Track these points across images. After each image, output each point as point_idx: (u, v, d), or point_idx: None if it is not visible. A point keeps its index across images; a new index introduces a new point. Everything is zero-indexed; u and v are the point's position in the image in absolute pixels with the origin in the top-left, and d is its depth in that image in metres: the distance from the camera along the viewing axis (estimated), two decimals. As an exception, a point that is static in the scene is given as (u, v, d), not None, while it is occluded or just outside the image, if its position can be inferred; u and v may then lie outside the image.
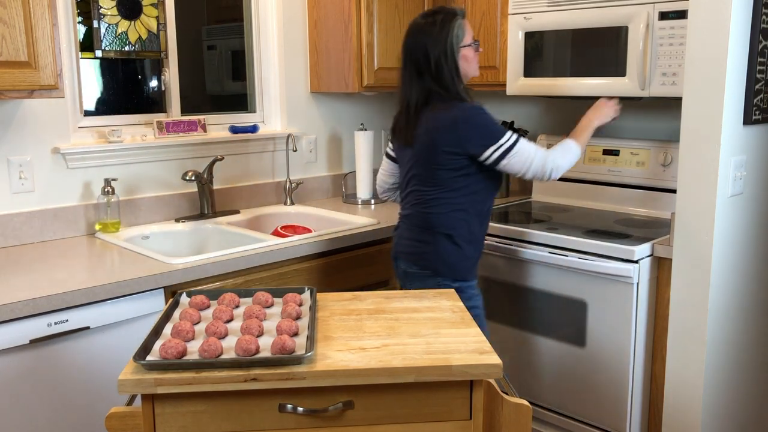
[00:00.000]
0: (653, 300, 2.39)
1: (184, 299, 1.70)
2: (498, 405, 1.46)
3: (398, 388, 1.37)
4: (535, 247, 2.54)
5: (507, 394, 1.50)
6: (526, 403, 1.45)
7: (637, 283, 2.32)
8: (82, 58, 2.55)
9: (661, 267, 2.37)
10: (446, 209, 2.15)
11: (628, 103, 2.92)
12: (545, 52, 2.73)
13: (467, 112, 2.09)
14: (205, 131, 2.81)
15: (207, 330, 1.44)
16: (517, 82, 2.84)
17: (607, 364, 2.44)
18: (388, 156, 2.43)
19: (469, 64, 2.18)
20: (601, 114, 2.34)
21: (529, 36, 2.77)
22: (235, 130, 2.92)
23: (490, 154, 2.08)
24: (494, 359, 1.37)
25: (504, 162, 2.10)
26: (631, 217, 2.79)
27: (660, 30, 2.41)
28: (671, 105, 2.83)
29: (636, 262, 2.31)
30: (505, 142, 2.08)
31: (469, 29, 2.18)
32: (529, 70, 2.79)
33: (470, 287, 2.20)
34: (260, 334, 1.45)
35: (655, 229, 2.56)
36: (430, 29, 2.12)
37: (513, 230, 2.59)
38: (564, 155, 2.18)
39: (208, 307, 1.65)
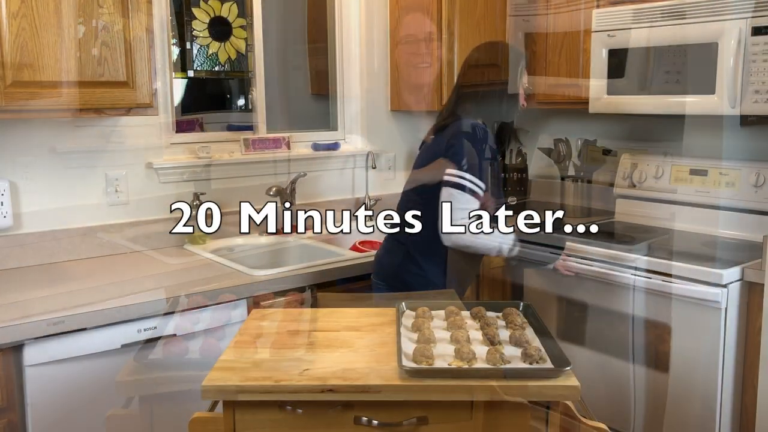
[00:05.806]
0: (743, 327, 2.29)
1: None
2: (575, 429, 1.43)
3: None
4: (617, 268, 2.47)
5: (585, 417, 1.47)
6: (604, 426, 1.41)
7: (725, 309, 2.23)
8: (175, 77, 2.68)
9: (752, 292, 2.27)
10: None
11: (717, 121, 2.82)
12: (629, 69, 2.67)
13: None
14: (288, 148, 2.89)
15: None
16: (600, 100, 2.79)
17: (693, 393, 2.35)
18: None
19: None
20: None
21: (613, 53, 2.72)
22: (317, 147, 2.99)
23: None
24: (572, 381, 1.34)
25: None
26: (719, 239, 2.68)
27: (753, 46, 2.33)
28: (764, 123, 2.71)
29: (724, 286, 2.22)
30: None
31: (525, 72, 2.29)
32: (613, 88, 2.74)
33: None
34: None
35: (746, 252, 2.45)
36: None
37: (595, 251, 2.53)
38: (479, 239, 2.06)
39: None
